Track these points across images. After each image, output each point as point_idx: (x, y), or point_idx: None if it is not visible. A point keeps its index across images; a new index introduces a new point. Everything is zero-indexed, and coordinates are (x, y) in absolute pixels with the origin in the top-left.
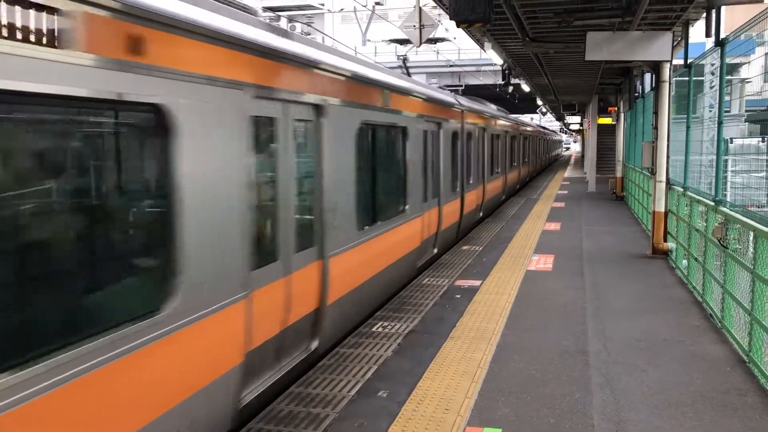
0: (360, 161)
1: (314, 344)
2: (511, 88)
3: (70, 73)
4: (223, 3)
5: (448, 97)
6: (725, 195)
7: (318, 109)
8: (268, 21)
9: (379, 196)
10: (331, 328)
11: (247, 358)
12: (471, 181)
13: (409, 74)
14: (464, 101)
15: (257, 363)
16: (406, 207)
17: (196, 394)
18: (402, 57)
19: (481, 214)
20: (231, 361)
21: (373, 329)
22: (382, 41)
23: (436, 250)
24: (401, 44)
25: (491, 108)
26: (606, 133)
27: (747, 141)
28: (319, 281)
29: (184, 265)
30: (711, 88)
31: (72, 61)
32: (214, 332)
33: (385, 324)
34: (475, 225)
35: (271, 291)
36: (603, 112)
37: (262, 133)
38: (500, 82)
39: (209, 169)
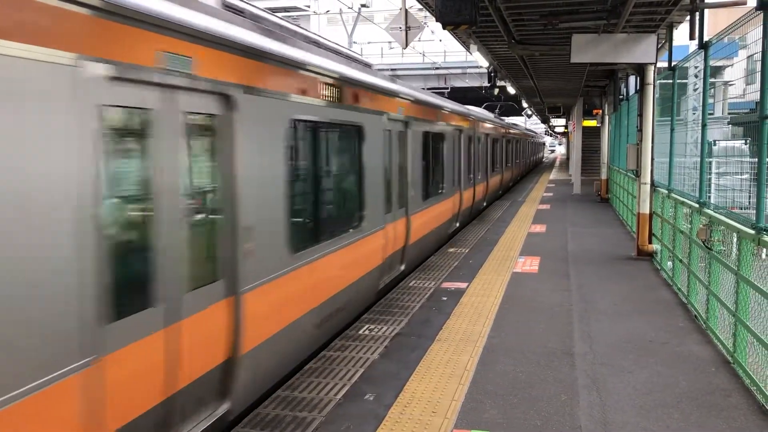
0: (293, 167)
1: (224, 407)
2: (496, 91)
3: None
4: None
5: (419, 93)
6: (709, 197)
7: (227, 99)
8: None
9: (324, 210)
10: (250, 383)
11: None
12: (443, 190)
13: None
14: (434, 97)
15: None
16: (362, 221)
17: None
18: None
19: (457, 224)
20: None
21: (360, 332)
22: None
23: (403, 267)
24: None
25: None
26: (591, 136)
27: (730, 143)
28: (229, 325)
29: None
30: (695, 90)
31: None
32: (27, 427)
33: (372, 327)
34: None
35: (141, 349)
36: (588, 114)
37: (125, 128)
38: (486, 84)
39: (12, 176)
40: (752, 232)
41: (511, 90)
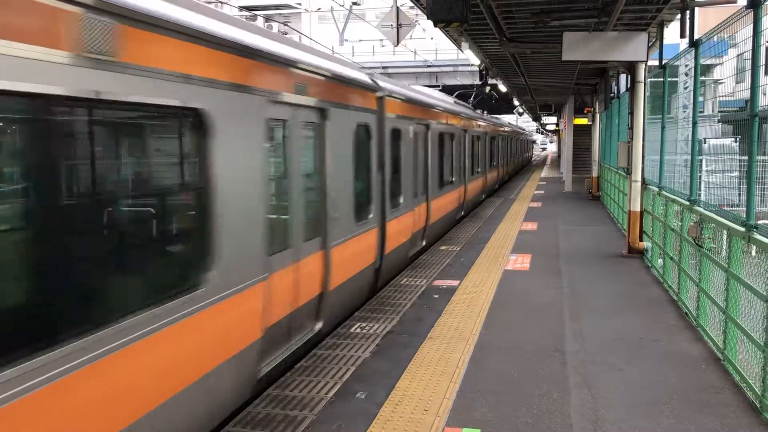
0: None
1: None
2: (488, 89)
3: None
4: None
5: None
6: (700, 194)
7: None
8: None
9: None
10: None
11: None
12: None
13: None
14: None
15: None
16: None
17: None
18: None
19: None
20: None
21: (351, 330)
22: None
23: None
24: None
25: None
26: (582, 134)
27: (720, 141)
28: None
29: None
30: (685, 88)
31: None
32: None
33: (363, 325)
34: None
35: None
36: (579, 112)
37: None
38: (477, 82)
39: None
40: (742, 229)
41: (503, 88)
